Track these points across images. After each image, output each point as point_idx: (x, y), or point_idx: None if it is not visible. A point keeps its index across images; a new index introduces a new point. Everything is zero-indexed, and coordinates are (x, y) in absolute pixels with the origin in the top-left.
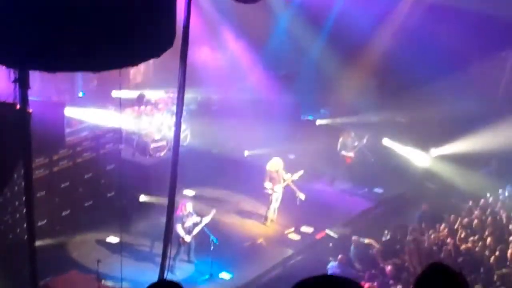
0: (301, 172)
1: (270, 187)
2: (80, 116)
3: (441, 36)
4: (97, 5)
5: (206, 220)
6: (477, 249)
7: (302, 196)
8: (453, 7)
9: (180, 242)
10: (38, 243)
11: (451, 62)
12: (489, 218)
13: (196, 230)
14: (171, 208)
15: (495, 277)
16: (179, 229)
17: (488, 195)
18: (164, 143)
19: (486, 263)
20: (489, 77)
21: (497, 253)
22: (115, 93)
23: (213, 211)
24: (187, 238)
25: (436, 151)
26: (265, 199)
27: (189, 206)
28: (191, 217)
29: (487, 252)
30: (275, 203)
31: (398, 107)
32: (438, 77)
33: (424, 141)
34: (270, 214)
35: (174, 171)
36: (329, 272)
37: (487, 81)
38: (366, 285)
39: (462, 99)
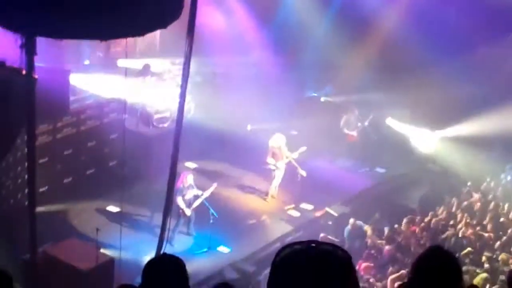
0: (303, 149)
1: (272, 163)
2: (85, 84)
3: (449, 17)
4: None
5: (207, 193)
6: (476, 233)
7: (303, 173)
8: None
9: (180, 214)
10: (38, 209)
11: (458, 43)
12: (492, 203)
13: (196, 203)
14: (172, 180)
15: (500, 260)
16: (179, 201)
17: (488, 179)
18: (168, 114)
19: (484, 247)
20: (496, 59)
21: (503, 238)
22: (121, 62)
23: (214, 185)
24: (187, 211)
25: (440, 133)
26: (266, 174)
27: (190, 178)
28: (191, 190)
29: (486, 235)
30: (277, 179)
31: (403, 87)
32: (444, 59)
33: (428, 123)
34: (271, 190)
35: (176, 142)
36: None
37: (493, 63)
38: (363, 264)
39: (468, 82)
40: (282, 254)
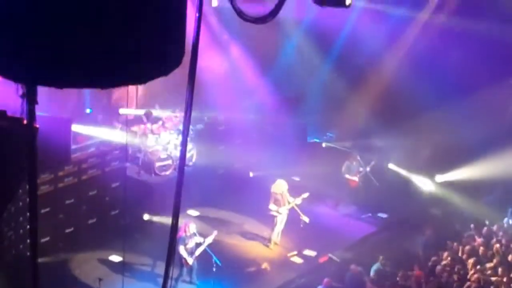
0: (306, 195)
1: (275, 209)
2: (87, 133)
3: (450, 62)
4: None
5: (208, 241)
6: (485, 277)
7: (306, 219)
8: (462, 33)
9: (183, 263)
10: (41, 259)
11: (459, 87)
12: (496, 246)
13: (198, 251)
14: (174, 229)
15: None
16: (181, 250)
17: (487, 222)
18: (170, 162)
19: None
20: (497, 104)
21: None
22: (123, 111)
23: (215, 232)
24: (189, 260)
25: (441, 177)
26: (269, 221)
27: (192, 227)
28: (193, 238)
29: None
30: (280, 226)
31: (404, 132)
32: (445, 103)
33: (430, 167)
34: (274, 237)
35: (178, 190)
36: None
37: (494, 108)
38: None
39: (469, 126)
40: None
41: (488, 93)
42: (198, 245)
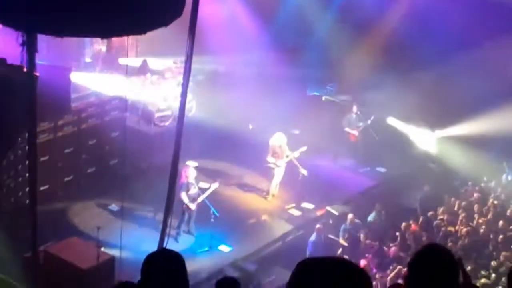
0: (304, 148)
1: (273, 161)
2: (86, 82)
3: (452, 15)
4: None
5: (211, 189)
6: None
7: (304, 172)
8: None
9: (184, 208)
10: (39, 207)
11: (461, 42)
12: (490, 201)
13: (200, 198)
14: (173, 178)
15: (501, 258)
16: (183, 196)
17: (485, 178)
18: (169, 112)
19: (487, 247)
20: (498, 59)
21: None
22: (122, 60)
23: (216, 184)
24: (192, 206)
25: (441, 132)
26: (267, 173)
27: (192, 172)
28: (195, 184)
29: (491, 235)
30: (277, 178)
31: (405, 86)
32: (446, 57)
33: (430, 122)
34: (272, 189)
35: (178, 141)
36: (309, 244)
37: (496, 62)
38: (362, 262)
39: (470, 80)
40: (303, 266)
41: (490, 48)
42: (201, 190)
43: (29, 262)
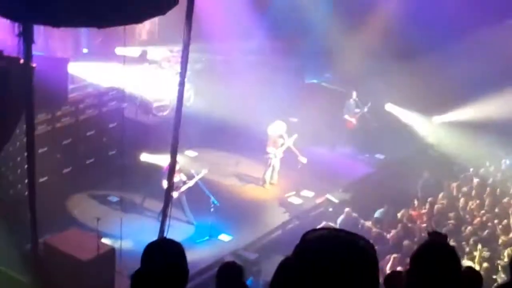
0: (295, 136)
1: (273, 151)
2: (83, 73)
3: (449, 2)
4: None
5: (196, 179)
6: (477, 219)
7: (303, 160)
8: None
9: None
10: (38, 199)
11: (459, 27)
12: (488, 189)
13: (184, 187)
14: (172, 168)
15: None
16: (164, 184)
17: (487, 164)
18: (167, 102)
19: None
20: (495, 44)
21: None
22: (119, 50)
23: (204, 171)
24: (174, 194)
25: (440, 118)
26: (266, 162)
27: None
28: (179, 174)
29: (489, 223)
30: (276, 167)
31: (403, 72)
32: (443, 43)
33: (428, 108)
34: (269, 177)
35: (176, 130)
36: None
37: (494, 48)
38: None
39: (467, 66)
40: (307, 237)
41: (487, 34)
42: (184, 181)
43: (29, 254)
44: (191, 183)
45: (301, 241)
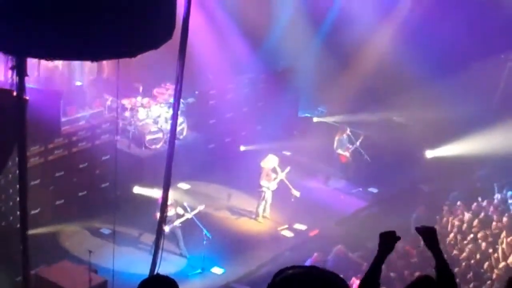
0: (288, 169)
1: (266, 185)
2: (76, 106)
3: (441, 37)
4: None
5: (191, 213)
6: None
7: (296, 193)
8: (454, 6)
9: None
10: (30, 231)
11: (451, 63)
12: (476, 221)
13: (178, 222)
14: (165, 201)
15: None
16: (157, 216)
17: (479, 199)
18: (160, 135)
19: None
20: (488, 78)
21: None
22: (113, 84)
23: (201, 207)
24: (165, 228)
25: (432, 153)
26: (259, 195)
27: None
28: (172, 207)
29: (478, 256)
30: (269, 199)
31: (395, 107)
32: (436, 78)
33: (420, 142)
34: (262, 210)
35: (169, 163)
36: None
37: (485, 83)
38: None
39: (460, 101)
40: (281, 276)
41: (479, 68)
42: (178, 215)
43: (20, 286)
44: (186, 217)
45: (271, 281)
